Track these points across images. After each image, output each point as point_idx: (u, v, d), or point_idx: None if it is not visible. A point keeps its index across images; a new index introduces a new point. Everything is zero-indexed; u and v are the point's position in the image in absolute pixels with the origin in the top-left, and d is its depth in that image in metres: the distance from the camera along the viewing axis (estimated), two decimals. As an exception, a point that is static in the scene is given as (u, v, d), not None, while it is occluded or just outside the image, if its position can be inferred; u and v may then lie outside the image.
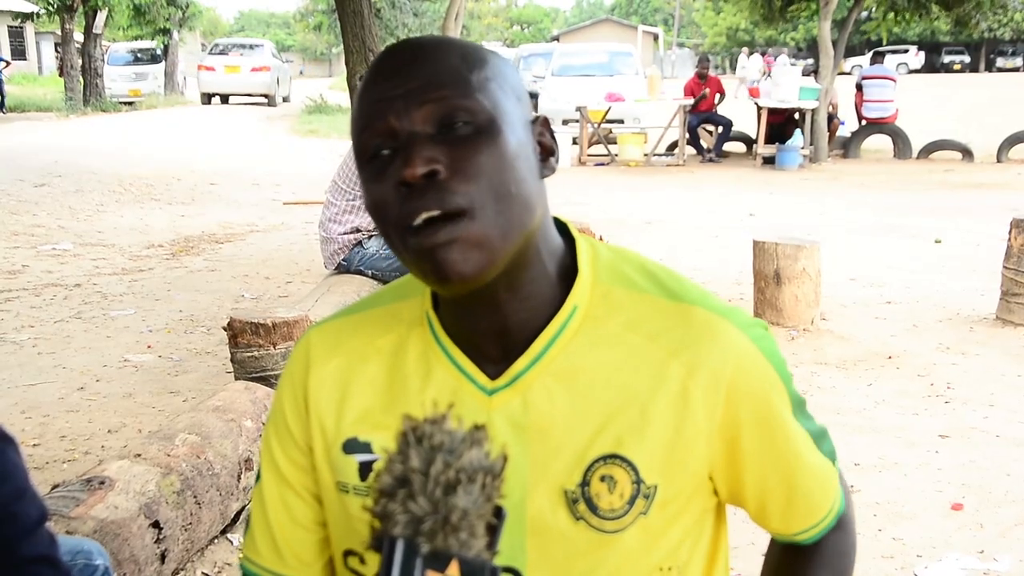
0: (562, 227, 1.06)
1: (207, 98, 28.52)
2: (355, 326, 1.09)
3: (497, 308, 0.98)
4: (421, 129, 0.91)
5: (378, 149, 0.93)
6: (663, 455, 0.98)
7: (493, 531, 0.81)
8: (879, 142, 14.84)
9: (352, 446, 1.05)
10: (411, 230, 0.90)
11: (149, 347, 4.96)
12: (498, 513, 0.81)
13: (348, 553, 1.08)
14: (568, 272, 1.02)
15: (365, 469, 1.04)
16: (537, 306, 1.00)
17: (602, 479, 0.98)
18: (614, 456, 0.98)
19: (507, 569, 1.00)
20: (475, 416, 0.99)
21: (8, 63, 25.09)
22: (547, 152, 1.00)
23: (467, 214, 0.89)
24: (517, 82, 0.98)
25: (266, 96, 28.36)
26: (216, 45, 30.20)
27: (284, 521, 1.11)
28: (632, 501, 0.98)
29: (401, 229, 0.91)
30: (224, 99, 28.98)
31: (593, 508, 0.99)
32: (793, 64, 18.34)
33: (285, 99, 29.37)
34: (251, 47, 29.57)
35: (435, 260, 0.90)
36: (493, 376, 1.01)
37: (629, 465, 0.98)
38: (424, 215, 0.89)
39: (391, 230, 0.93)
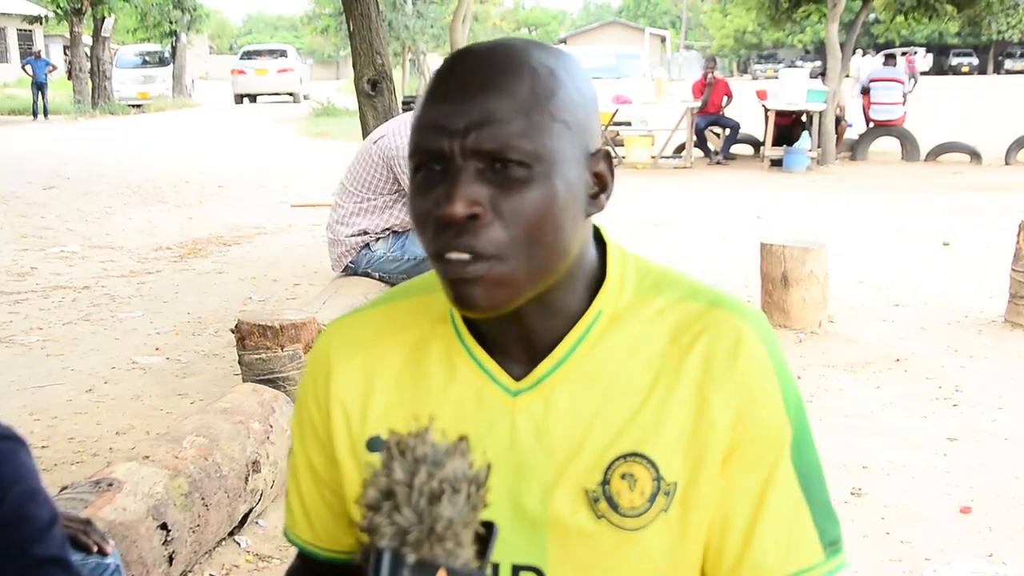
0: (595, 231, 1.06)
1: (240, 98, 31.51)
2: (379, 320, 1.09)
3: (523, 321, 0.99)
4: (471, 163, 0.90)
5: (429, 164, 0.93)
6: (682, 451, 0.98)
7: (484, 542, 0.82)
8: (887, 144, 14.81)
9: (376, 444, 1.05)
10: (441, 258, 0.92)
11: (157, 349, 4.97)
12: (489, 527, 0.82)
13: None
14: (597, 278, 1.02)
15: None
16: (564, 314, 1.00)
17: (622, 477, 0.99)
18: (634, 454, 0.98)
19: (530, 568, 1.01)
20: (498, 417, 1.00)
21: (54, 67, 25.06)
22: (602, 186, 0.99)
23: (496, 258, 0.90)
24: (584, 108, 0.96)
25: (291, 94, 31.63)
26: (246, 52, 33.01)
27: (317, 501, 1.13)
28: (653, 498, 0.99)
29: (431, 252, 0.93)
30: (252, 98, 31.79)
31: (614, 506, 0.99)
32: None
33: (306, 97, 31.44)
34: (276, 52, 32.72)
35: (457, 292, 0.92)
36: (518, 377, 1.01)
37: (649, 462, 0.98)
38: (455, 255, 0.90)
39: (426, 247, 0.94)
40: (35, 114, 23.68)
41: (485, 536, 0.83)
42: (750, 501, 0.99)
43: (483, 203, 0.89)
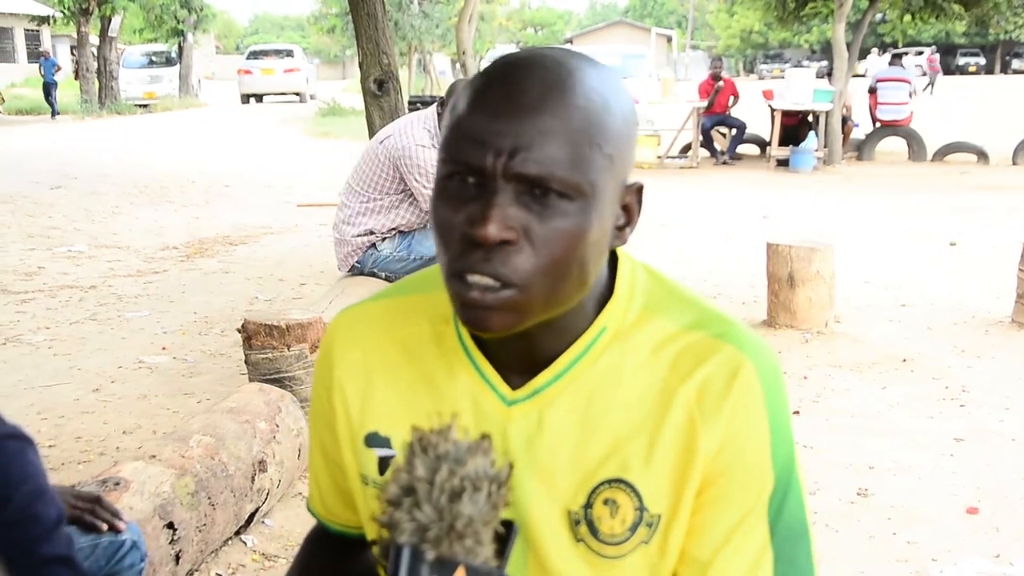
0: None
1: (246, 98, 31.59)
2: (383, 313, 1.09)
3: (528, 337, 0.97)
4: (511, 185, 0.87)
5: (462, 174, 0.89)
6: (669, 485, 0.97)
7: (503, 541, 0.81)
8: (893, 144, 14.78)
9: (373, 440, 1.05)
10: (461, 277, 0.89)
11: (164, 349, 4.98)
12: (508, 526, 0.82)
13: (372, 543, 1.09)
14: (605, 293, 1.00)
15: (384, 464, 1.05)
16: (569, 331, 0.99)
17: (605, 502, 0.97)
18: (619, 480, 0.97)
19: None
20: (491, 424, 0.99)
21: (59, 67, 25.07)
22: (628, 219, 0.97)
23: (516, 288, 0.88)
24: (628, 140, 0.93)
25: (298, 94, 31.75)
26: (252, 52, 33.02)
27: (326, 478, 1.16)
28: (634, 528, 0.97)
29: (451, 268, 0.90)
30: (259, 98, 31.91)
31: (594, 531, 0.98)
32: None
33: (312, 96, 31.52)
34: (283, 52, 32.80)
35: (468, 313, 0.90)
36: (515, 386, 1.00)
37: (633, 491, 0.97)
38: (477, 278, 0.88)
39: (447, 261, 0.91)
40: (54, 113, 23.85)
41: (505, 535, 0.83)
42: (714, 542, 0.97)
43: (517, 229, 0.87)
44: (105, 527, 1.82)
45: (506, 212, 0.86)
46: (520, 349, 0.98)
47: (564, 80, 0.88)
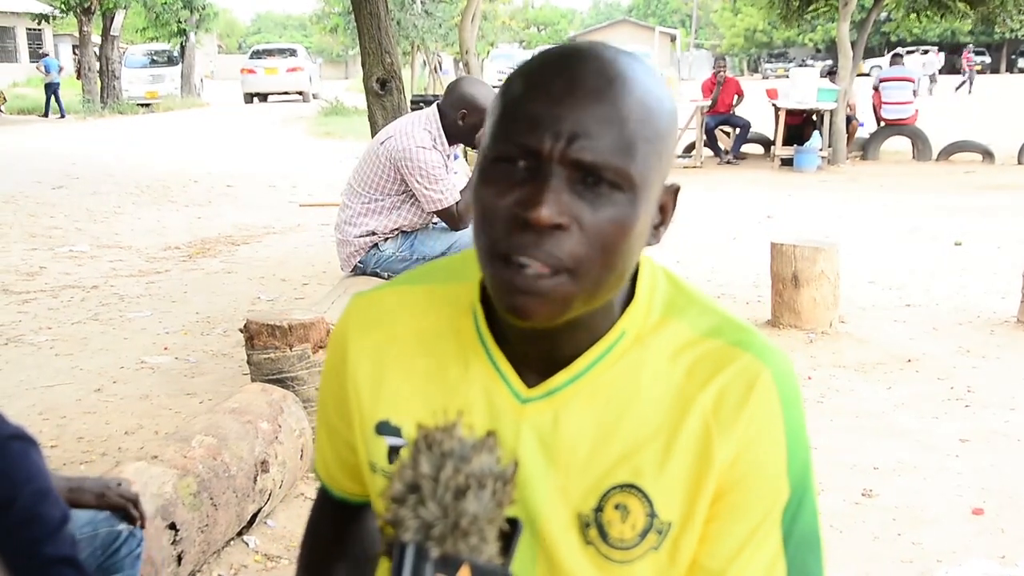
0: None
1: (249, 98, 31.68)
2: (400, 301, 1.08)
3: (550, 335, 0.96)
4: (565, 171, 0.86)
5: (513, 157, 0.88)
6: (682, 493, 0.96)
7: (507, 539, 0.81)
8: (898, 143, 14.76)
9: (384, 428, 1.05)
10: (508, 260, 0.88)
11: (166, 349, 4.97)
12: (513, 524, 0.81)
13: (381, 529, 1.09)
14: (626, 295, 1.00)
15: (394, 453, 1.04)
16: (592, 331, 0.98)
17: (616, 507, 0.97)
18: (630, 486, 0.96)
19: None
20: (504, 421, 0.98)
21: (38, 67, 24.98)
22: (663, 219, 0.97)
23: (570, 272, 0.87)
24: (672, 139, 0.94)
25: (301, 93, 31.85)
26: (256, 51, 33.09)
27: (329, 451, 1.18)
28: (644, 534, 0.96)
29: (496, 251, 0.89)
30: (263, 98, 31.97)
31: (603, 535, 0.97)
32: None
33: (315, 96, 31.64)
34: (286, 51, 33.03)
35: (513, 300, 0.89)
36: (531, 384, 0.99)
37: (644, 497, 0.96)
38: (527, 259, 0.87)
39: (491, 244, 0.90)
40: (62, 114, 23.85)
41: (509, 533, 0.82)
42: (727, 551, 0.97)
43: (571, 215, 0.86)
44: (139, 523, 1.88)
45: (560, 196, 0.86)
46: (540, 347, 0.97)
47: (623, 73, 0.89)
